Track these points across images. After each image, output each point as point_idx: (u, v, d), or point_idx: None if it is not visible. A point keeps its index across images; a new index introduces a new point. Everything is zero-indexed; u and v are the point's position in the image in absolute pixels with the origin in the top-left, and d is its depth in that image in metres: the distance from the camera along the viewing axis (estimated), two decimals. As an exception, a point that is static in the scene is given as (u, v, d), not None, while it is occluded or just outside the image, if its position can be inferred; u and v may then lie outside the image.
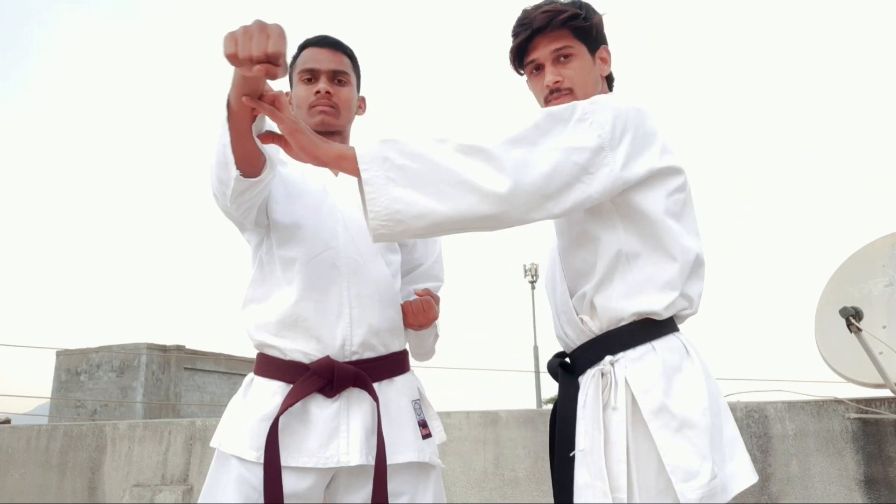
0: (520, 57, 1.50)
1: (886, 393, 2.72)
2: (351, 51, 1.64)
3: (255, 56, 1.05)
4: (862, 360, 2.62)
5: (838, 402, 2.84)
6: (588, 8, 1.47)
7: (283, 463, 1.35)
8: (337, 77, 1.59)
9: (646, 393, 1.27)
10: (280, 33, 1.06)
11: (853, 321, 2.57)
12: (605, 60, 1.51)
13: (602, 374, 1.32)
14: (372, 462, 1.38)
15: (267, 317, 1.46)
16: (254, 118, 1.25)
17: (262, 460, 1.35)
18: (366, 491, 1.40)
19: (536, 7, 1.47)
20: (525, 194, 1.19)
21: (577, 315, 1.39)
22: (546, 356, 1.78)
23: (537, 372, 18.11)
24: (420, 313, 1.54)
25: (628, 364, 1.31)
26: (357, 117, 1.67)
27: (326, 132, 1.56)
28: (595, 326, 1.37)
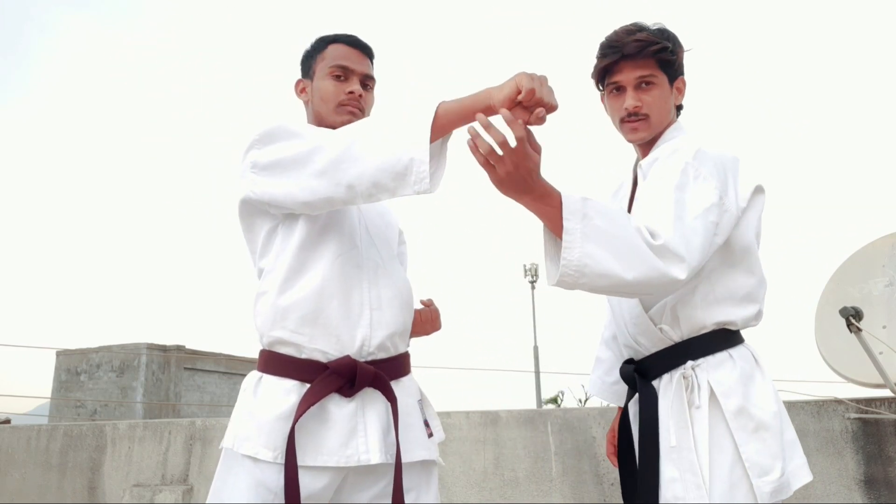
0: (602, 76, 1.59)
1: (886, 393, 2.72)
2: (374, 56, 1.66)
3: (547, 102, 1.17)
4: (862, 360, 2.62)
5: (838, 402, 2.84)
6: (675, 41, 1.57)
7: (301, 463, 1.34)
8: (366, 81, 1.60)
9: (727, 396, 1.41)
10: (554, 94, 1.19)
11: (853, 321, 2.57)
12: (681, 91, 1.61)
13: (684, 377, 1.45)
14: (390, 460, 1.39)
15: (286, 311, 1.42)
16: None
17: (278, 460, 1.34)
18: (373, 490, 1.41)
19: (628, 32, 1.55)
20: (693, 271, 1.31)
21: (657, 325, 1.50)
22: (546, 356, 1.84)
23: (537, 372, 18.11)
24: (427, 323, 1.61)
25: (709, 369, 1.45)
26: None
27: None
28: (675, 335, 1.49)
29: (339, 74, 1.57)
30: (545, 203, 1.26)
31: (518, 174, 1.19)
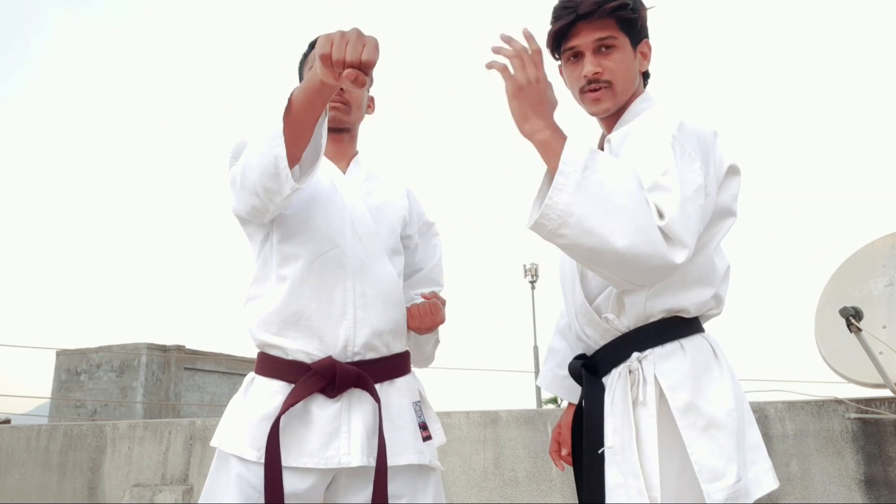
0: (558, 42, 1.44)
1: (886, 393, 2.72)
2: None
3: (349, 60, 1.06)
4: (862, 360, 2.62)
5: (838, 402, 2.84)
6: (628, 1, 1.40)
7: (283, 463, 1.34)
8: None
9: (674, 390, 1.26)
10: (375, 45, 1.07)
11: (853, 321, 2.57)
12: (646, 55, 1.46)
13: (630, 371, 1.30)
14: (373, 463, 1.38)
15: (269, 315, 1.44)
16: (316, 119, 1.26)
17: (262, 460, 1.35)
18: (366, 492, 1.40)
19: None
20: (688, 256, 1.17)
21: (602, 315, 1.36)
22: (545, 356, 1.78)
23: (537, 372, 18.09)
24: (426, 316, 1.53)
25: (657, 361, 1.29)
26: (367, 117, 1.69)
27: (338, 129, 1.59)
28: (622, 324, 1.35)
29: None
30: (555, 140, 1.18)
31: (538, 89, 1.17)
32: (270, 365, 1.45)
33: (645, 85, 1.50)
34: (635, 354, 1.31)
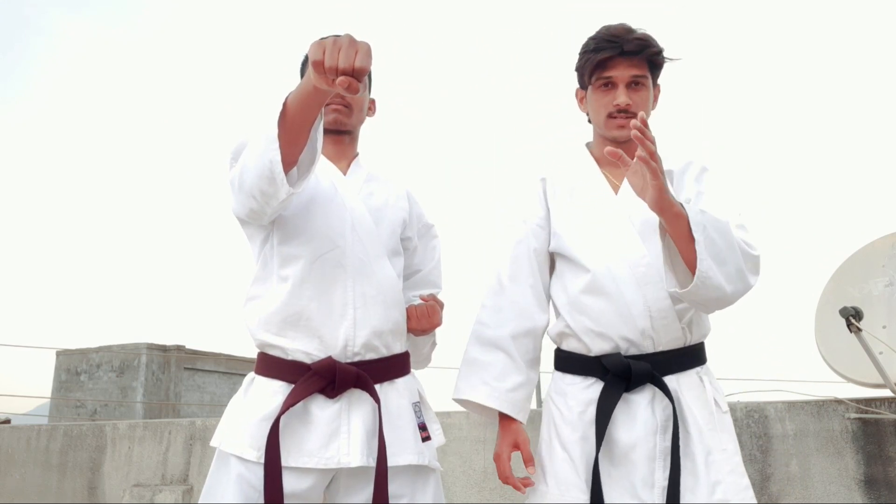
0: (594, 69, 1.55)
1: (886, 393, 2.71)
2: None
3: (341, 67, 1.07)
4: (862, 360, 2.62)
5: (838, 402, 2.83)
6: (663, 48, 1.58)
7: (283, 463, 1.34)
8: None
9: (724, 402, 1.48)
10: (368, 51, 1.08)
11: (853, 321, 2.56)
12: (656, 98, 1.63)
13: (700, 379, 1.47)
14: (372, 463, 1.38)
15: (269, 315, 1.45)
16: (312, 123, 1.26)
17: (262, 460, 1.35)
18: (366, 492, 1.40)
19: (627, 31, 1.54)
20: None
21: (681, 322, 1.47)
22: (546, 357, 1.78)
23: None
24: (423, 318, 1.54)
25: (709, 375, 1.50)
26: (367, 119, 1.69)
27: (338, 131, 1.59)
28: (688, 337, 1.49)
29: None
30: (679, 217, 1.31)
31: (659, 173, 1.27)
32: (270, 365, 1.45)
33: None
34: (700, 367, 1.50)
